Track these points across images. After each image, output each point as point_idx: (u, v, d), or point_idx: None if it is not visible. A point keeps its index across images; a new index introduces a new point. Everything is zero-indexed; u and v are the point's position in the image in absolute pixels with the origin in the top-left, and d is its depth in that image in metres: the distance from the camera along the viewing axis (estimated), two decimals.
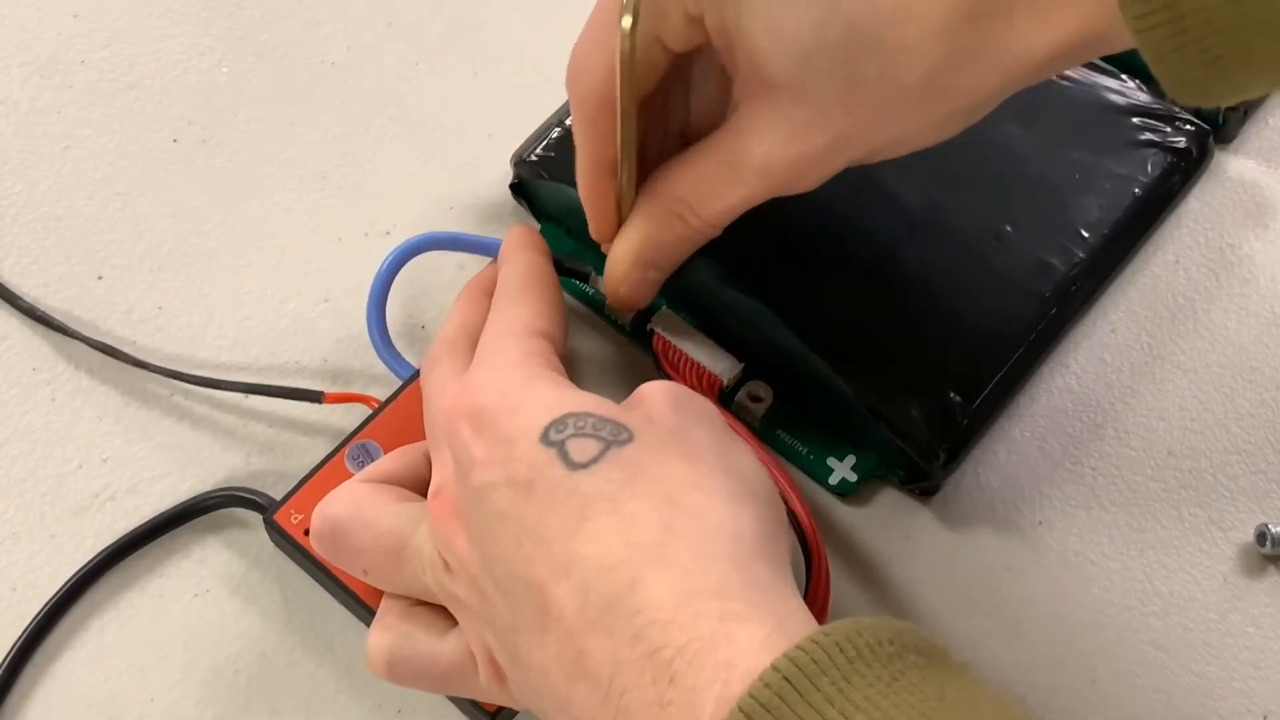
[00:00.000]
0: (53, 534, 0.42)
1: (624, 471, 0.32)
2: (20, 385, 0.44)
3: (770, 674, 0.27)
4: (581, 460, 0.32)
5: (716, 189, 0.38)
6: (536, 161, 0.46)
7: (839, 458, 0.43)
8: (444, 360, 0.39)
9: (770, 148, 0.36)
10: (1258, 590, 0.42)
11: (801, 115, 0.35)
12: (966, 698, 0.29)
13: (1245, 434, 0.44)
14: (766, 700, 0.27)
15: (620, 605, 0.30)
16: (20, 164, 0.48)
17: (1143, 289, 0.47)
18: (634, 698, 0.29)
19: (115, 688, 0.39)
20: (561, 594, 0.31)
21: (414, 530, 0.36)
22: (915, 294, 0.43)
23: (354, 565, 0.37)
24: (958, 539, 0.42)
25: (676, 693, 0.28)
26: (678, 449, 0.33)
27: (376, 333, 0.43)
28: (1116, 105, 0.47)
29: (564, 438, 0.33)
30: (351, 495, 0.37)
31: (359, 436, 0.41)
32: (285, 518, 0.40)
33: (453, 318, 0.41)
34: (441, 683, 0.36)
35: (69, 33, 0.51)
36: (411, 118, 0.50)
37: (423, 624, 0.36)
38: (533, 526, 0.32)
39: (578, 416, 0.33)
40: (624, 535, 0.31)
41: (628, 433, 0.33)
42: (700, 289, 0.43)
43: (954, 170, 0.45)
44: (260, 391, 0.43)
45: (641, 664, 0.29)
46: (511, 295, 0.40)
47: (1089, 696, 0.40)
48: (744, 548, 0.31)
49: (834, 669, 0.28)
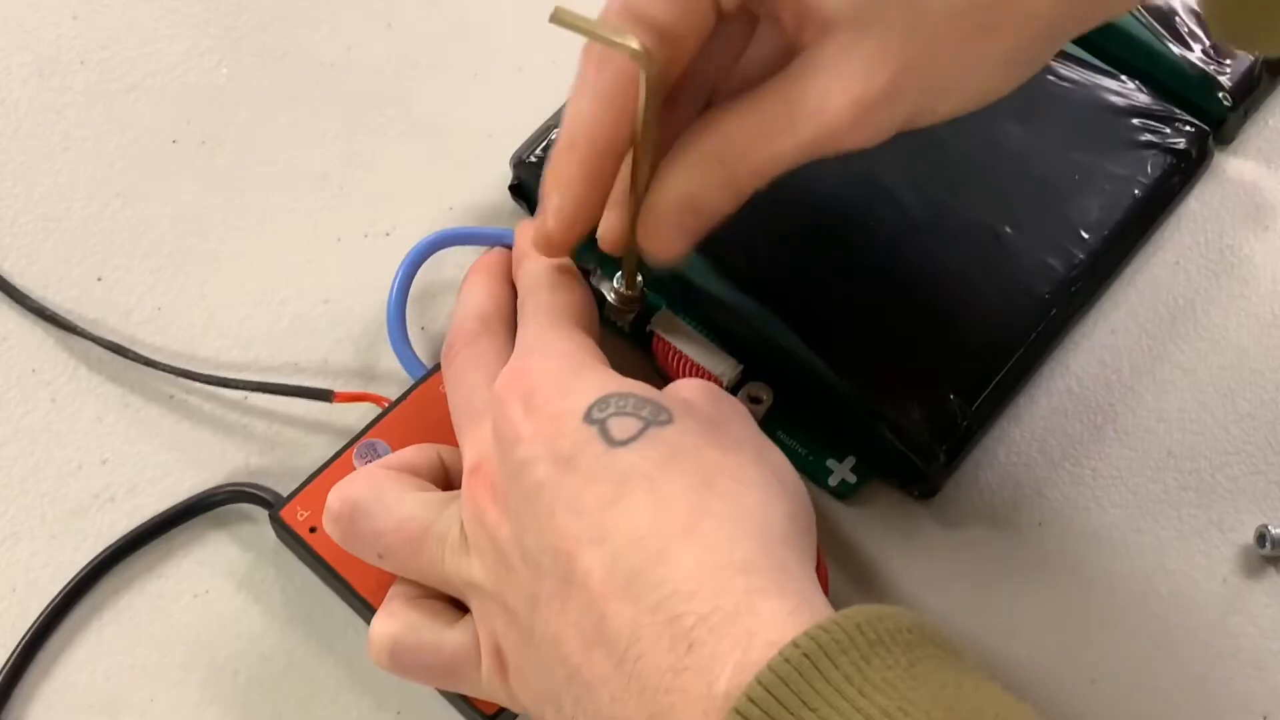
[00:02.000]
0: (53, 534, 0.42)
1: (661, 451, 0.33)
2: (20, 386, 0.44)
3: (790, 649, 0.28)
4: (621, 438, 0.33)
5: (768, 135, 0.35)
6: (536, 162, 0.46)
7: (838, 459, 0.43)
8: (482, 338, 0.40)
9: (828, 89, 0.34)
10: (1258, 591, 0.42)
11: (860, 52, 0.34)
12: (983, 691, 0.29)
13: (1245, 435, 0.44)
14: (785, 674, 0.27)
15: (646, 574, 0.30)
16: (20, 164, 0.48)
17: (1143, 290, 0.47)
18: (648, 663, 0.29)
19: (115, 687, 0.39)
20: (589, 561, 0.31)
21: (436, 517, 0.36)
22: (915, 295, 0.43)
23: (369, 549, 0.37)
24: (958, 539, 0.42)
25: (693, 659, 0.29)
26: (715, 437, 0.34)
27: (396, 331, 0.43)
28: (1116, 106, 0.47)
29: (605, 416, 0.33)
30: (372, 479, 0.37)
31: (368, 435, 0.41)
32: (291, 514, 0.40)
33: (479, 296, 0.41)
34: (442, 675, 0.36)
35: (69, 33, 0.51)
36: (411, 118, 0.50)
37: (429, 614, 0.36)
38: (569, 498, 0.32)
39: (620, 397, 0.34)
40: (656, 510, 0.31)
41: (668, 414, 0.34)
42: (700, 289, 0.43)
43: (954, 171, 0.45)
44: (270, 390, 0.43)
45: (660, 630, 0.30)
46: (549, 290, 0.40)
47: (1089, 696, 0.40)
48: (773, 535, 0.32)
49: (854, 649, 0.28)
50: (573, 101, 0.37)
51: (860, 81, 0.34)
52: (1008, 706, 0.28)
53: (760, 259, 0.43)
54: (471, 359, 0.39)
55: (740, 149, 0.36)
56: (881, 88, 0.34)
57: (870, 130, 0.35)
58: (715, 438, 0.34)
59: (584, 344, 0.37)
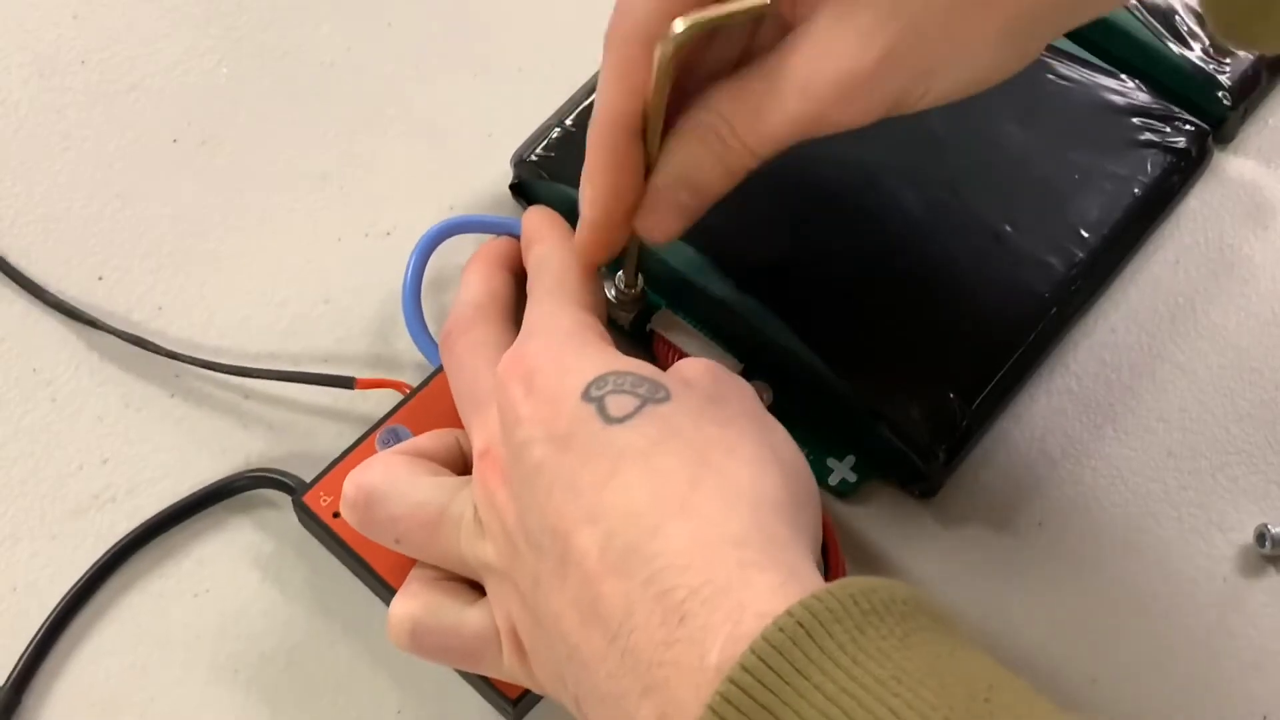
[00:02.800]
0: (53, 535, 0.42)
1: (658, 428, 0.33)
2: (20, 386, 0.44)
3: (784, 618, 0.28)
4: (618, 415, 0.33)
5: (758, 109, 0.35)
6: (536, 161, 0.46)
7: (839, 458, 0.43)
8: (478, 326, 0.40)
9: (815, 63, 0.34)
10: (1258, 590, 0.42)
11: (848, 26, 0.34)
12: (977, 662, 0.29)
13: (1245, 434, 0.44)
14: (779, 643, 0.27)
15: (640, 550, 0.30)
16: (20, 164, 0.48)
17: (1143, 289, 0.47)
18: (640, 637, 0.30)
19: (115, 687, 0.40)
20: (584, 540, 0.31)
21: (451, 500, 0.36)
22: (915, 294, 0.43)
23: (386, 534, 0.37)
24: (958, 539, 0.42)
25: (685, 631, 0.29)
26: (713, 414, 0.34)
27: (413, 317, 0.43)
28: (1116, 105, 0.47)
29: (603, 394, 0.33)
30: (388, 464, 0.38)
31: (390, 421, 0.41)
32: (314, 499, 0.40)
33: (476, 285, 0.42)
34: (463, 656, 0.37)
35: (69, 33, 0.51)
36: (411, 118, 0.50)
37: (449, 595, 0.37)
38: (566, 478, 0.32)
39: (618, 375, 0.34)
40: (651, 487, 0.32)
41: (665, 392, 0.34)
42: (700, 289, 0.43)
43: (954, 170, 0.45)
44: (292, 379, 0.43)
45: (652, 604, 0.30)
46: (556, 272, 0.40)
47: (1089, 696, 0.40)
48: (765, 508, 0.32)
49: (848, 619, 0.28)
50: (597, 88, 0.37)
51: (848, 56, 0.34)
52: (1001, 678, 0.28)
53: (760, 258, 0.43)
54: (470, 346, 0.40)
55: (731, 124, 0.36)
56: (869, 64, 0.34)
57: (859, 106, 0.35)
58: (713, 414, 0.34)
59: (586, 322, 0.37)
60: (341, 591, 0.41)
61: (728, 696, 0.27)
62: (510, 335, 0.40)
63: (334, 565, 0.41)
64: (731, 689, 0.27)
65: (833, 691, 0.27)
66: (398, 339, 0.45)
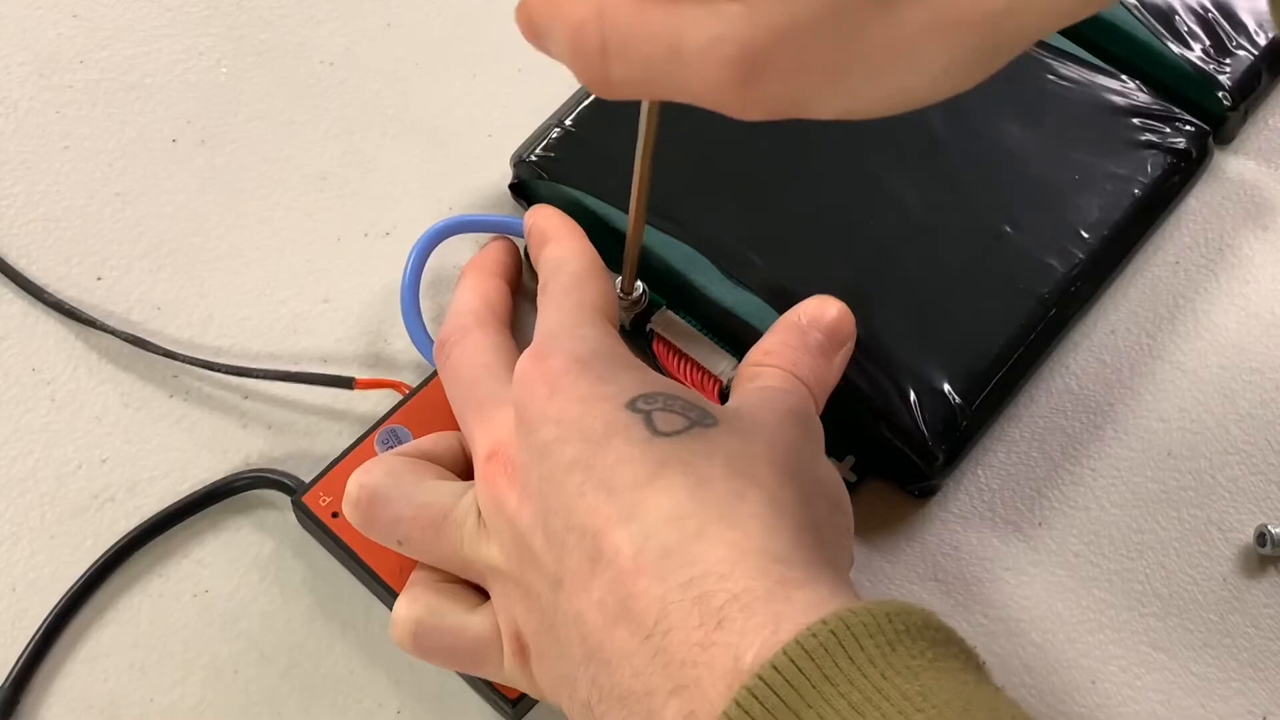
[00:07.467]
0: (52, 535, 0.42)
1: (704, 446, 0.33)
2: (19, 385, 0.44)
3: (819, 625, 0.28)
4: (665, 430, 0.33)
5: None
6: (536, 162, 0.46)
7: (838, 458, 0.43)
8: (474, 332, 0.40)
9: (712, 34, 0.28)
10: (1258, 590, 0.42)
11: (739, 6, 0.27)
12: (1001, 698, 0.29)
13: (1245, 434, 0.44)
14: (811, 648, 0.28)
15: (679, 553, 0.31)
16: (20, 164, 0.48)
17: (1143, 289, 0.47)
18: (676, 637, 0.30)
19: (115, 687, 0.39)
20: (619, 539, 0.31)
21: (455, 502, 0.36)
22: (915, 294, 0.43)
23: (389, 535, 0.37)
24: (958, 539, 0.42)
25: (722, 635, 0.29)
26: (761, 440, 0.34)
27: (412, 318, 0.43)
28: (1116, 105, 0.47)
29: (652, 409, 0.34)
30: (391, 466, 0.38)
31: (389, 421, 0.41)
32: (314, 499, 0.40)
33: (470, 294, 0.42)
34: (464, 659, 0.37)
35: (69, 33, 0.51)
36: (411, 117, 0.50)
37: (452, 598, 0.37)
38: (600, 476, 0.32)
39: (669, 396, 0.34)
40: (694, 493, 0.32)
41: (713, 419, 0.34)
42: (700, 289, 0.43)
43: (954, 170, 0.45)
44: (292, 379, 0.43)
45: (690, 606, 0.30)
46: (574, 274, 0.40)
47: (1089, 697, 0.40)
48: (808, 532, 0.32)
49: (880, 635, 0.28)
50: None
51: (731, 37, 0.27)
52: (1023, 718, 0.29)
53: (760, 258, 0.43)
54: (468, 352, 0.40)
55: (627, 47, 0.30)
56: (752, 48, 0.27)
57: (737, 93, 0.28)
58: (762, 440, 0.34)
59: (613, 334, 0.38)
60: (341, 592, 0.41)
61: (754, 691, 0.28)
62: (509, 341, 0.40)
63: (333, 565, 0.41)
64: (759, 684, 0.28)
65: (858, 701, 0.27)
66: (397, 339, 0.45)
